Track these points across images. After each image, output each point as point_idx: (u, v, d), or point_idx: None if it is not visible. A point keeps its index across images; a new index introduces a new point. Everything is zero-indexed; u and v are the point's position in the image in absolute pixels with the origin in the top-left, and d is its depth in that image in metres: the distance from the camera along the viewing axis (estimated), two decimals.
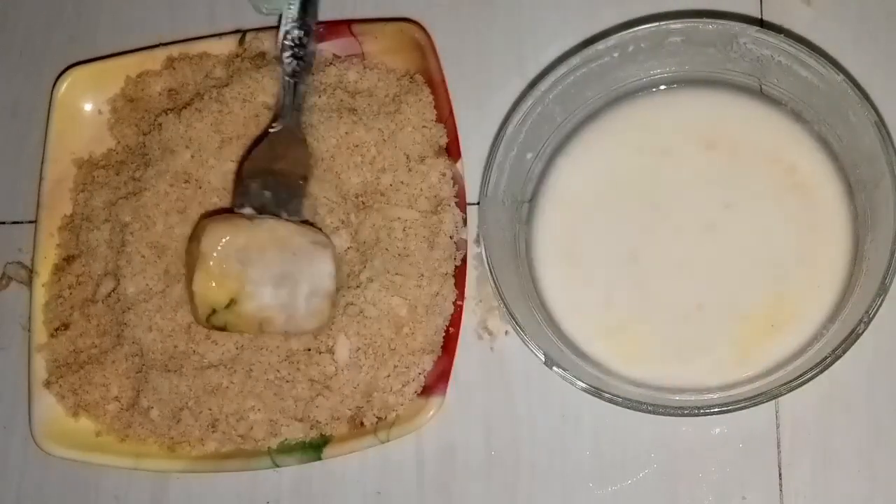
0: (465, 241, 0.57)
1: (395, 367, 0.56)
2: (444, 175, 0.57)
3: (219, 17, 0.64)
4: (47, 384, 0.58)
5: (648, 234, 0.56)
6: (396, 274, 0.56)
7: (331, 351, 0.55)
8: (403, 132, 0.58)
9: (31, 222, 0.62)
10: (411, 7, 0.62)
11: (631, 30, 0.53)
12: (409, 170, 0.58)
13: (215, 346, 0.56)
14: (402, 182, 0.57)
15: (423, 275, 0.56)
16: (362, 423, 0.56)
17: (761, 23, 0.60)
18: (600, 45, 0.54)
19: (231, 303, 0.53)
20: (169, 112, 0.60)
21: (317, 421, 0.56)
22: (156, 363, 0.57)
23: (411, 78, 0.60)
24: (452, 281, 0.57)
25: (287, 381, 0.56)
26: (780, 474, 0.55)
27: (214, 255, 0.53)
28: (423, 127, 0.58)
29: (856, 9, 0.59)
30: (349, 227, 0.57)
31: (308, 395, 0.56)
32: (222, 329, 0.55)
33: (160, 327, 0.57)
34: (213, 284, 0.53)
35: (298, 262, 0.54)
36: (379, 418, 0.56)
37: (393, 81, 0.60)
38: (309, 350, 0.56)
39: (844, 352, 0.49)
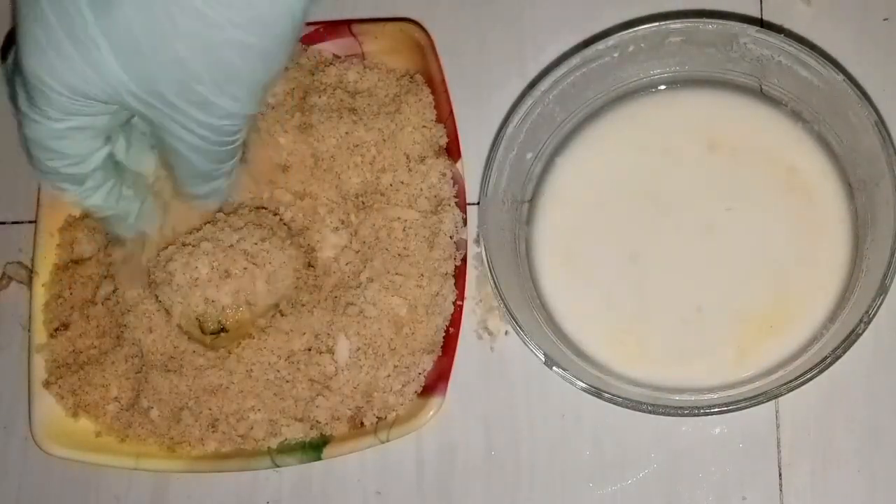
0: (465, 241, 0.57)
1: (395, 367, 0.56)
2: (444, 175, 0.57)
3: None
4: (47, 384, 0.58)
5: (648, 235, 0.56)
6: (396, 274, 0.56)
7: (331, 351, 0.56)
8: (403, 132, 0.58)
9: (31, 222, 0.62)
10: (411, 7, 0.62)
11: (631, 30, 0.53)
12: (409, 170, 0.58)
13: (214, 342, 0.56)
14: (402, 182, 0.57)
15: (423, 275, 0.56)
16: (362, 423, 0.56)
17: (761, 23, 0.60)
18: (600, 45, 0.54)
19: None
20: None
21: (317, 421, 0.56)
22: (156, 363, 0.57)
23: (411, 78, 0.60)
24: (452, 281, 0.57)
25: (287, 381, 0.56)
26: (780, 474, 0.55)
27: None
28: (423, 127, 0.58)
29: (856, 9, 0.59)
30: (349, 227, 0.57)
31: (308, 395, 0.56)
32: (223, 331, 0.55)
33: (160, 328, 0.57)
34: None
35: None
36: (379, 418, 0.56)
37: (393, 81, 0.60)
38: (309, 350, 0.56)
39: (844, 352, 0.49)
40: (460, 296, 0.57)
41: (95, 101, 0.47)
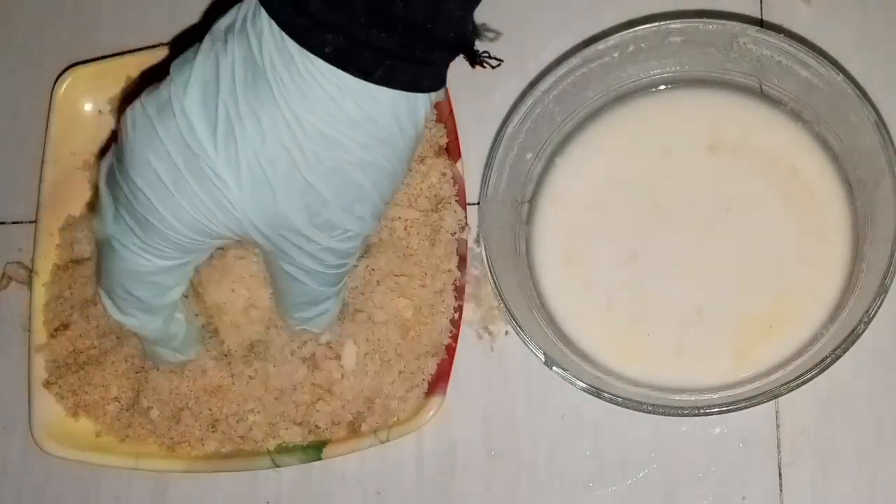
0: (466, 241, 0.57)
1: (401, 372, 0.55)
2: (444, 175, 0.57)
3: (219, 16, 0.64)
4: (47, 384, 0.58)
5: (648, 235, 0.56)
6: (401, 275, 0.56)
7: (338, 357, 0.55)
8: None
9: (31, 222, 0.62)
10: None
11: (631, 30, 0.53)
12: (410, 170, 0.57)
13: (216, 346, 0.56)
14: (402, 182, 0.57)
15: (426, 273, 0.56)
16: (361, 429, 0.56)
17: (761, 23, 0.60)
18: (600, 45, 0.54)
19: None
20: None
21: (316, 426, 0.56)
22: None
23: None
24: (454, 278, 0.57)
25: (291, 386, 0.55)
26: (780, 474, 0.55)
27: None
28: (424, 126, 0.58)
29: (856, 9, 0.59)
30: None
31: (309, 399, 0.55)
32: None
33: None
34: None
35: None
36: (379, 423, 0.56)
37: None
38: (315, 356, 0.55)
39: (844, 352, 0.49)
40: (460, 296, 0.57)
41: (216, 238, 0.46)
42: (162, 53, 0.62)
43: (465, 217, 0.57)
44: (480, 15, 0.62)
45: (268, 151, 0.43)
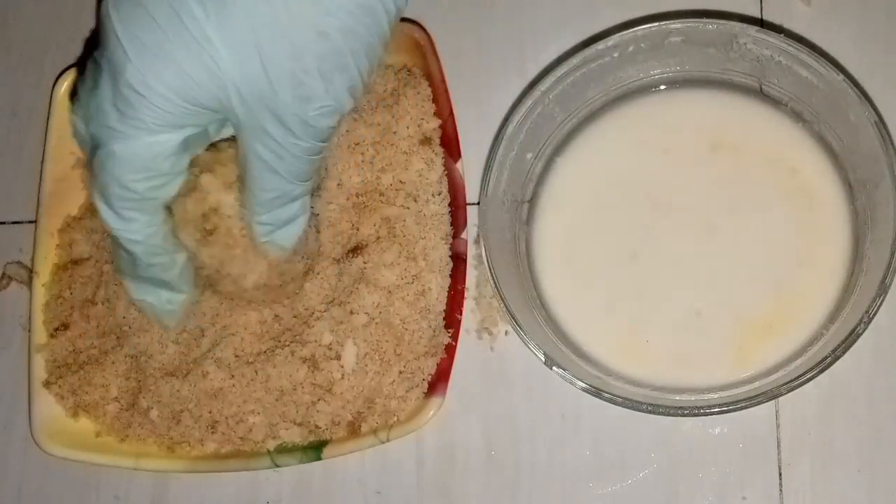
0: (466, 241, 0.57)
1: (401, 372, 0.55)
2: (444, 173, 0.57)
3: None
4: (47, 384, 0.58)
5: (648, 235, 0.56)
6: (401, 277, 0.56)
7: (338, 357, 0.55)
8: (400, 126, 0.58)
9: (31, 222, 0.62)
10: (411, 7, 0.61)
11: (631, 30, 0.53)
12: (407, 168, 0.58)
13: (218, 352, 0.56)
14: (401, 181, 0.57)
15: (425, 275, 0.56)
16: (360, 429, 0.56)
17: (761, 23, 0.60)
18: (600, 45, 0.54)
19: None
20: None
21: (316, 426, 0.56)
22: (157, 365, 0.57)
23: (409, 70, 0.59)
24: (451, 276, 0.57)
25: (291, 387, 0.55)
26: (780, 474, 0.55)
27: None
28: (421, 119, 0.58)
29: (856, 9, 0.59)
30: (351, 228, 0.57)
31: (310, 399, 0.55)
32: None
33: (161, 330, 0.57)
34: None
35: None
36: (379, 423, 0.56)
37: (391, 76, 0.60)
38: (315, 357, 0.56)
39: (844, 352, 0.49)
40: (460, 295, 0.57)
41: (200, 107, 0.46)
42: None
43: (465, 217, 0.57)
44: (481, 15, 0.62)
45: (257, 14, 0.44)
